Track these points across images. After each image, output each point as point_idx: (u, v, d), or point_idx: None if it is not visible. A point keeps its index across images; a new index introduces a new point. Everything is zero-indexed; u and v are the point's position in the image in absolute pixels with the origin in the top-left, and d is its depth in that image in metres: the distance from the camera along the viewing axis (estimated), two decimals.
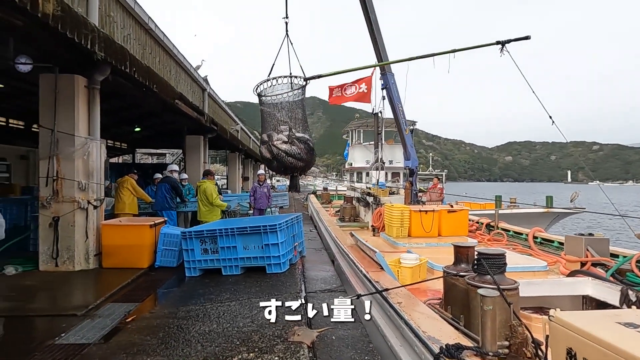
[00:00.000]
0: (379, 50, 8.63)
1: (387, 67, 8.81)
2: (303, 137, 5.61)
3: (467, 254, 3.10)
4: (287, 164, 5.53)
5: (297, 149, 5.46)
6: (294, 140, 5.53)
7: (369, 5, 8.46)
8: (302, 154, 5.57)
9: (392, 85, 8.85)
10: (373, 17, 8.53)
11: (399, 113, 8.89)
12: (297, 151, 5.45)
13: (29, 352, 3.05)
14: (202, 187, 7.48)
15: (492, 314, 2.15)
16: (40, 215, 5.53)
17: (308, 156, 5.66)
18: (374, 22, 8.54)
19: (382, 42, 8.69)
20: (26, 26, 4.16)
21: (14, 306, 4.10)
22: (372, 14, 8.52)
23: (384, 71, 8.87)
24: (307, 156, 5.64)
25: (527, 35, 7.01)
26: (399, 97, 8.95)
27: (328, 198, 17.48)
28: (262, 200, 8.74)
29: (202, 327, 3.47)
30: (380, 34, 8.66)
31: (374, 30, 8.54)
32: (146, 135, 19.05)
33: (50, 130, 5.45)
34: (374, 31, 8.54)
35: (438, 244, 6.52)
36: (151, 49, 8.47)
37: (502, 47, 7.08)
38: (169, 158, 32.20)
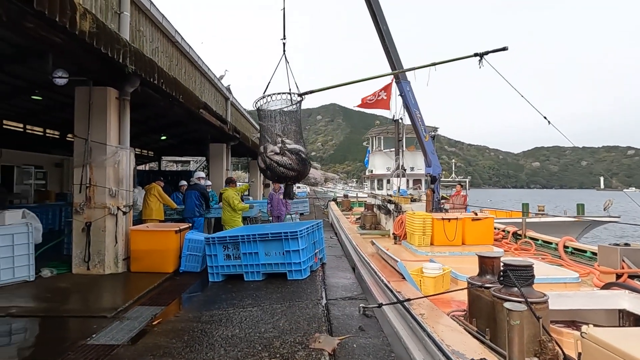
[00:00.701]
0: (391, 58, 8.67)
1: (401, 74, 8.76)
2: (295, 149, 5.95)
3: (492, 264, 3.01)
4: (279, 173, 5.83)
5: (288, 160, 5.80)
6: (285, 151, 5.90)
7: (379, 17, 8.55)
8: (294, 165, 5.86)
9: (408, 93, 8.82)
10: (384, 27, 8.61)
11: (416, 120, 8.83)
12: (288, 162, 5.79)
13: (63, 352, 3.19)
14: (225, 195, 7.70)
15: (520, 328, 2.07)
16: (74, 221, 5.81)
17: (299, 166, 5.92)
18: (386, 33, 8.61)
19: (395, 51, 8.73)
20: (64, 42, 4.44)
21: (50, 307, 4.31)
22: (384, 24, 8.61)
23: (399, 79, 8.86)
24: (299, 166, 5.90)
25: (505, 46, 7.20)
26: (416, 104, 8.89)
27: (348, 205, 17.42)
28: (279, 207, 8.82)
29: (225, 332, 3.53)
30: (392, 43, 8.72)
31: (385, 40, 8.63)
32: (172, 144, 19.69)
33: (84, 139, 5.73)
34: (385, 41, 8.63)
35: (462, 253, 6.35)
36: (177, 60, 8.80)
37: (481, 59, 7.30)
38: (193, 165, 33.09)
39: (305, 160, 6.18)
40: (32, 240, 5.35)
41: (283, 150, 5.90)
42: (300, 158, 5.95)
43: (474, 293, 2.96)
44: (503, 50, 7.19)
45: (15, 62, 8.51)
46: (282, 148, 5.89)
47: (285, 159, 5.85)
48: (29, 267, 5.27)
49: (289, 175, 6.03)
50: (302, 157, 6.03)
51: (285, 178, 6.15)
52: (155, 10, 7.23)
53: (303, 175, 6.35)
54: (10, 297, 4.59)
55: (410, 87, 8.93)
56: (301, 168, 6.10)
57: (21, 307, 4.25)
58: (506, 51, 7.18)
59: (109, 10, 5.70)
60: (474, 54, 7.30)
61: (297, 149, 5.98)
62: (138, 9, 6.69)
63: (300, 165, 6.06)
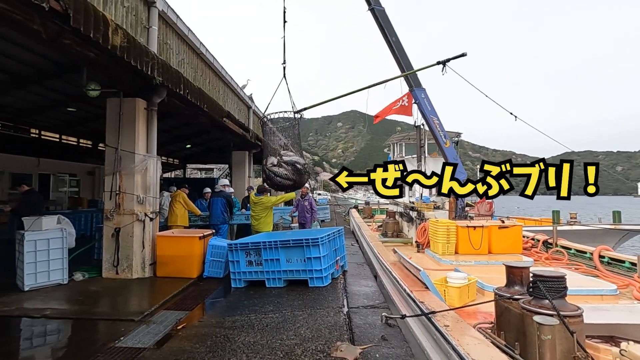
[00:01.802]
0: (401, 65, 8.83)
1: (415, 82, 8.91)
2: (290, 161, 6.86)
3: (521, 274, 2.89)
4: (277, 182, 6.75)
5: (284, 171, 6.75)
6: (282, 163, 6.86)
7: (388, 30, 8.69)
8: (289, 175, 6.74)
9: (422, 100, 8.82)
10: (394, 39, 8.77)
11: (433, 126, 8.75)
12: (284, 172, 6.71)
13: (93, 353, 3.31)
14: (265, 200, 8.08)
15: (552, 343, 1.97)
16: (104, 226, 6.05)
17: (295, 176, 6.80)
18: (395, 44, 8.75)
19: (406, 59, 8.86)
20: (98, 57, 4.68)
21: (82, 309, 4.49)
22: (392, 36, 8.75)
23: (412, 87, 8.94)
24: (294, 176, 6.78)
25: (464, 52, 7.81)
26: (433, 111, 8.86)
27: (370, 212, 17.25)
28: (302, 214, 8.82)
29: (247, 338, 3.55)
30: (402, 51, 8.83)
31: (395, 50, 8.77)
32: (196, 152, 20.24)
33: (114, 148, 5.99)
34: (395, 51, 8.78)
35: (488, 262, 6.14)
36: (202, 71, 9.08)
37: (443, 66, 7.95)
38: (216, 173, 33.82)
39: (301, 171, 6.94)
40: (66, 245, 5.60)
41: (280, 162, 6.84)
42: (296, 169, 6.75)
43: (502, 305, 2.84)
44: (462, 57, 7.72)
45: (53, 77, 9.04)
46: (279, 160, 6.84)
47: (281, 170, 6.80)
48: (63, 271, 5.51)
49: (285, 184, 6.88)
50: (297, 167, 6.82)
51: (282, 187, 6.99)
52: (182, 24, 7.52)
53: (299, 184, 7.31)
54: (45, 299, 4.81)
55: (426, 94, 8.93)
56: (297, 178, 6.93)
57: (55, 309, 4.45)
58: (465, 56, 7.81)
59: (138, 25, 5.97)
60: (437, 62, 7.97)
61: (293, 161, 6.84)
62: (165, 23, 6.97)
63: (295, 175, 6.89)
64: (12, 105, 11.48)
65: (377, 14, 8.63)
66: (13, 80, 9.22)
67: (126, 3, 5.58)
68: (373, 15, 8.67)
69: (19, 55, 7.68)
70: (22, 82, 9.30)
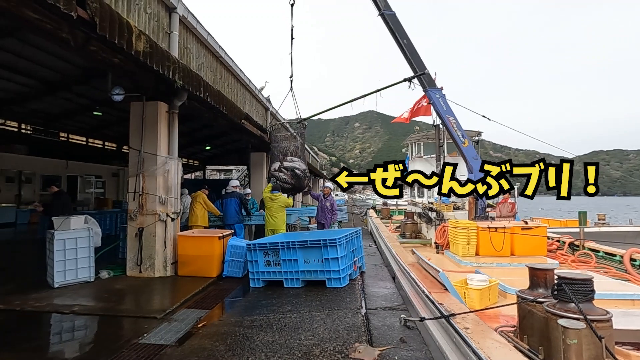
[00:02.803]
0: (414, 66, 8.82)
1: (429, 82, 8.90)
2: (290, 166, 8.00)
3: (545, 277, 2.80)
4: (277, 186, 7.91)
5: (284, 175, 7.90)
6: (282, 169, 8.05)
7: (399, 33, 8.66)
8: (288, 179, 7.85)
9: (437, 100, 8.75)
10: (405, 41, 8.77)
11: (450, 126, 8.64)
12: (284, 177, 7.83)
13: (118, 349, 3.42)
14: (282, 199, 8.15)
15: (578, 348, 1.90)
16: (128, 226, 6.24)
17: (294, 180, 7.91)
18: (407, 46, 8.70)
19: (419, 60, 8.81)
20: (122, 62, 4.85)
21: (108, 306, 4.65)
22: (404, 39, 8.71)
23: (426, 88, 8.92)
24: (293, 180, 7.89)
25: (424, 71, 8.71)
26: (449, 110, 8.76)
27: (388, 213, 17.10)
28: (323, 214, 8.81)
29: (265, 337, 3.59)
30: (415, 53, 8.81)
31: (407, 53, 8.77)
32: (215, 153, 20.63)
33: (138, 151, 6.17)
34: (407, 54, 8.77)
35: (511, 265, 5.97)
36: (221, 74, 9.25)
37: (410, 82, 8.83)
38: (235, 174, 34.33)
39: (299, 176, 8.06)
40: (92, 244, 5.82)
41: (281, 168, 8.06)
42: (294, 174, 7.81)
43: (525, 308, 2.75)
44: (422, 75, 8.67)
45: (81, 83, 9.44)
46: (280, 166, 8.07)
47: (282, 174, 7.94)
48: (90, 269, 5.72)
49: (285, 187, 8.12)
50: (296, 172, 7.93)
51: (283, 190, 8.13)
52: (201, 28, 7.68)
53: (299, 187, 8.36)
54: (73, 296, 5.02)
55: (441, 94, 8.84)
56: (296, 182, 8.01)
57: (83, 306, 4.63)
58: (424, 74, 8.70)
59: (160, 31, 6.15)
60: (404, 79, 8.93)
61: (293, 167, 7.95)
62: (186, 28, 7.14)
63: (294, 180, 8.00)
64: (43, 110, 12.05)
65: (388, 18, 8.64)
66: (44, 87, 9.68)
67: (149, 9, 5.75)
68: (383, 19, 8.68)
69: (49, 62, 8.06)
70: (52, 88, 9.76)
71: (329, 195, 8.94)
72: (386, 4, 8.69)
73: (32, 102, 10.89)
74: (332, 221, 8.92)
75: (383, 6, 8.64)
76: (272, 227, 8.03)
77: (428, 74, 8.87)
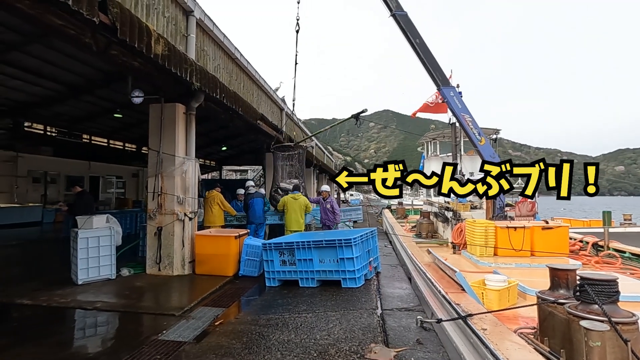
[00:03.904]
0: (429, 68, 8.73)
1: (443, 81, 8.83)
2: (285, 188, 9.18)
3: (566, 277, 2.72)
4: (274, 204, 8.98)
5: (279, 196, 8.97)
6: (278, 189, 9.33)
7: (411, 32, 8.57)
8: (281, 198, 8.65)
9: (451, 98, 8.64)
10: (418, 41, 8.67)
11: (465, 124, 8.51)
12: (278, 197, 8.86)
13: (139, 345, 3.52)
14: (303, 200, 8.27)
15: (601, 351, 1.83)
16: (148, 226, 6.40)
17: None
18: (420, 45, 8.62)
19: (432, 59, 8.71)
20: (141, 65, 4.97)
21: (128, 303, 4.79)
22: (416, 38, 8.66)
23: (439, 86, 8.85)
24: None
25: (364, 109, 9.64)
26: (464, 108, 8.64)
27: (403, 213, 16.94)
28: (324, 216, 8.87)
29: (281, 336, 3.62)
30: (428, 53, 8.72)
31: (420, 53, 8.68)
32: (231, 154, 20.92)
33: (156, 151, 6.32)
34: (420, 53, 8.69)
35: (531, 265, 5.82)
36: (237, 75, 9.37)
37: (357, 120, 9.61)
38: (250, 174, 34.69)
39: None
40: (114, 243, 6.00)
41: (277, 188, 9.39)
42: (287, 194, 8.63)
43: (546, 309, 2.68)
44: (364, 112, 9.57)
45: (103, 87, 9.74)
46: (277, 187, 9.38)
47: (277, 195, 9.13)
48: (111, 267, 5.90)
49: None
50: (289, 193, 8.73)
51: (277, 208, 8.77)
52: (218, 31, 7.80)
53: None
54: (96, 292, 5.18)
55: (455, 92, 8.74)
56: None
57: (105, 302, 4.78)
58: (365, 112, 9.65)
59: (178, 34, 6.27)
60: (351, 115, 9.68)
61: (287, 188, 9.06)
62: (202, 30, 7.26)
63: None
64: (67, 113, 12.50)
65: (399, 19, 8.59)
66: (68, 90, 10.04)
67: (167, 13, 5.88)
68: (395, 20, 8.63)
69: (73, 67, 8.35)
70: (75, 91, 10.11)
71: (328, 197, 9.01)
72: (397, 4, 8.64)
73: (57, 106, 11.31)
74: (336, 222, 8.95)
75: (394, 7, 8.60)
76: (295, 228, 8.04)
77: (442, 72, 8.77)
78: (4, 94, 10.00)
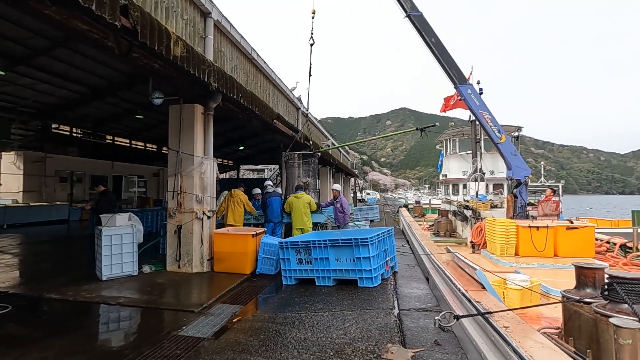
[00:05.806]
0: (445, 68, 8.67)
1: (460, 79, 8.76)
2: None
3: (593, 276, 2.62)
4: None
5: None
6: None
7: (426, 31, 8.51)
8: None
9: (469, 96, 8.53)
10: (433, 40, 8.64)
11: (483, 122, 8.36)
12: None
13: (159, 340, 3.61)
14: (307, 199, 8.31)
15: (632, 350, 1.76)
16: (168, 224, 6.55)
17: None
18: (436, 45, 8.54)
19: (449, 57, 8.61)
20: (161, 67, 5.09)
21: (150, 299, 4.92)
22: (431, 37, 8.67)
23: (456, 84, 8.80)
24: None
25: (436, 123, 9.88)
26: (483, 105, 8.52)
27: (421, 211, 16.74)
28: (335, 215, 8.89)
29: (297, 334, 3.64)
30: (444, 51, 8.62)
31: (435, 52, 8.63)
32: (249, 154, 21.15)
33: (176, 151, 6.46)
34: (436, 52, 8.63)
35: (554, 266, 5.65)
36: (253, 75, 9.46)
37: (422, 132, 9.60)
38: (267, 173, 34.99)
39: None
40: (135, 240, 6.17)
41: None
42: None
43: (571, 309, 2.59)
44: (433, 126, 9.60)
45: (125, 88, 10.03)
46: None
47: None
48: (133, 264, 6.07)
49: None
50: None
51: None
52: (235, 32, 7.90)
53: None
54: (119, 288, 5.35)
55: (473, 90, 8.63)
56: None
57: (128, 298, 4.92)
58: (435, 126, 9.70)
59: (196, 36, 6.39)
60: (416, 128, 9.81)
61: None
62: (220, 32, 7.38)
63: None
64: (91, 115, 12.95)
65: (414, 19, 8.54)
66: (92, 93, 10.39)
67: (185, 16, 6.00)
68: (410, 21, 8.57)
69: (97, 70, 8.64)
70: (99, 93, 10.45)
71: (338, 196, 9.00)
72: (412, 5, 8.58)
73: (82, 108, 11.73)
74: (345, 221, 8.93)
75: (409, 7, 8.54)
76: (299, 226, 8.11)
77: (458, 70, 8.66)
78: (33, 97, 10.45)
